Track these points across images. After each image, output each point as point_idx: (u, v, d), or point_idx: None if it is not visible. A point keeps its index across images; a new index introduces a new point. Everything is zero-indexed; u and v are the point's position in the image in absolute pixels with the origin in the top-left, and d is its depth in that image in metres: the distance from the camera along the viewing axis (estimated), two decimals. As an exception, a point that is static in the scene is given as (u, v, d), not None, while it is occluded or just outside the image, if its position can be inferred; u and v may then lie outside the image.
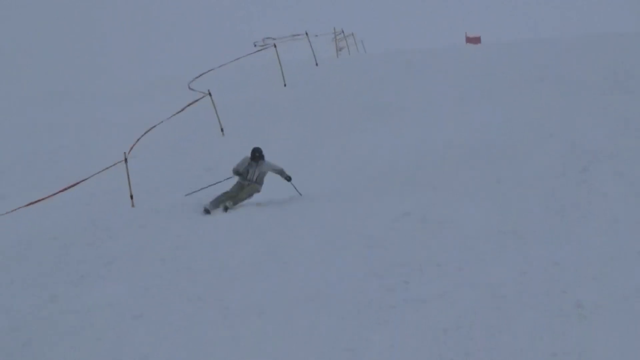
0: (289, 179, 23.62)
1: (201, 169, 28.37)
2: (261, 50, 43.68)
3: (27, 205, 24.02)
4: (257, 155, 23.37)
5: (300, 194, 23.69)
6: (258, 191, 23.62)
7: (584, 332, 13.71)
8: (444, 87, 32.37)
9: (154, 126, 29.78)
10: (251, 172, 23.44)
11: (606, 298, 14.86)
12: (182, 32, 73.60)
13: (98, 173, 26.30)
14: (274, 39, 46.52)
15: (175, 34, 71.63)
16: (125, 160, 26.41)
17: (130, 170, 26.22)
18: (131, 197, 25.61)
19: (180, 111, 31.99)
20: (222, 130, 31.98)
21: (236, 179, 23.72)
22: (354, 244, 19.79)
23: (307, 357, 14.42)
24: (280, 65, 38.45)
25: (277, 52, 39.62)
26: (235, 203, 23.23)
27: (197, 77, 37.63)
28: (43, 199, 24.62)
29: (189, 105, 32.56)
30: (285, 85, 38.03)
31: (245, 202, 23.54)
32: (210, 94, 32.77)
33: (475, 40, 52.29)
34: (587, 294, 15.05)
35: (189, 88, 35.94)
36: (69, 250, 22.55)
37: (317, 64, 41.98)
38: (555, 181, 21.45)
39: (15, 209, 23.83)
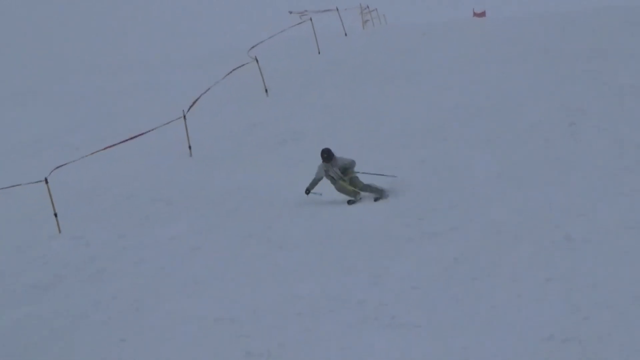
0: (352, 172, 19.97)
1: (248, 125, 28.37)
2: (301, 23, 43.18)
3: (97, 152, 24.26)
4: (325, 156, 19.76)
5: (392, 175, 19.96)
6: (354, 176, 19.85)
7: (574, 260, 13.78)
8: (454, 56, 32.01)
9: (209, 88, 29.86)
10: (333, 173, 19.80)
11: (592, 232, 14.98)
12: (230, 8, 73.58)
13: (162, 125, 26.49)
14: (309, 12, 46.19)
15: (224, 9, 71.55)
16: (184, 117, 26.61)
17: (188, 125, 26.45)
18: (189, 147, 25.89)
19: (229, 73, 32.05)
20: (266, 91, 31.85)
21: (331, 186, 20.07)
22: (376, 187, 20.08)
23: (338, 279, 14.56)
24: (315, 36, 38.16)
25: (312, 24, 39.40)
26: (361, 189, 19.66)
27: (253, 47, 37.41)
28: (111, 146, 24.71)
29: (237, 68, 32.54)
30: (319, 52, 37.85)
31: (364, 184, 19.84)
32: (257, 60, 32.79)
33: (481, 14, 51.57)
34: (575, 229, 15.17)
35: (248, 55, 35.91)
36: (135, 193, 22.83)
37: (346, 35, 41.51)
38: (548, 134, 21.47)
39: (89, 154, 23.99)
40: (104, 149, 24.58)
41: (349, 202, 19.51)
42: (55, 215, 20.20)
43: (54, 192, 20.77)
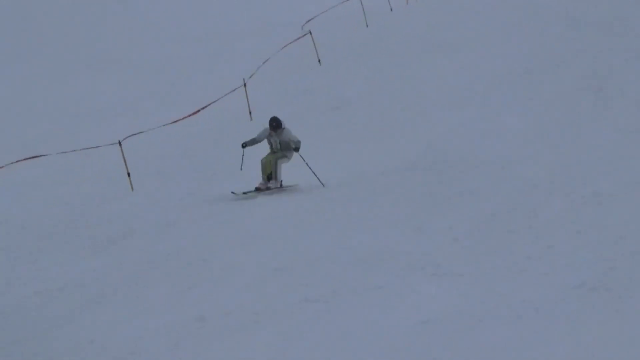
0: (296, 149, 18.97)
1: (304, 91, 28.54)
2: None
3: (170, 124, 24.62)
4: (274, 125, 19.04)
5: (322, 184, 18.68)
6: (287, 158, 19.14)
7: (602, 214, 13.77)
8: (489, 28, 32.18)
9: (268, 59, 30.16)
10: (273, 142, 19.08)
11: (617, 187, 14.98)
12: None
13: (225, 96, 26.81)
14: None
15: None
16: (245, 84, 27.01)
17: (248, 93, 26.78)
18: (250, 113, 26.11)
19: (286, 46, 32.38)
20: (319, 61, 32.03)
21: (266, 150, 19.35)
22: (418, 147, 20.17)
23: (385, 233, 14.61)
24: (363, 11, 38.08)
25: (361, 1, 39.39)
26: (272, 177, 18.84)
27: (307, 22, 37.84)
28: (182, 119, 25.20)
29: (295, 40, 32.98)
30: (367, 26, 37.67)
31: (283, 172, 19.06)
32: (310, 33, 32.90)
33: None
34: (603, 185, 15.18)
35: (302, 28, 36.29)
36: (201, 156, 23.22)
37: (391, 10, 41.19)
38: (576, 98, 21.55)
39: (161, 126, 24.36)
40: (176, 121, 25.08)
41: (245, 193, 18.50)
42: (129, 174, 20.53)
43: (128, 154, 21.09)
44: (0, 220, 19.09)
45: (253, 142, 19.12)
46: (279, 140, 18.80)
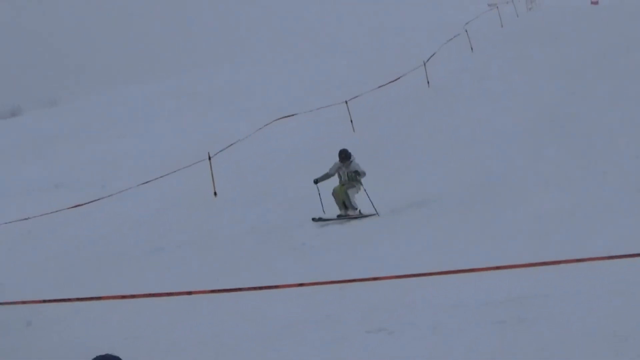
0: (358, 179, 16.83)
1: (461, 70, 30.10)
2: (491, 10, 46.00)
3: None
4: (342, 156, 16.87)
5: (377, 213, 16.26)
6: (358, 188, 16.84)
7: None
8: (588, 25, 33.47)
9: (435, 52, 32.22)
10: (342, 173, 16.96)
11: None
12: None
13: (410, 71, 29.11)
14: (498, 3, 48.06)
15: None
16: (424, 64, 29.95)
17: (430, 68, 29.46)
18: (427, 82, 28.98)
19: (451, 38, 34.88)
20: (471, 49, 34.34)
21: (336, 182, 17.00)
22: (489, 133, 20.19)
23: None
24: (500, 17, 41.25)
25: (498, 10, 42.44)
26: (347, 208, 16.76)
27: (467, 23, 39.97)
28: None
29: (455, 36, 35.07)
30: (501, 26, 40.34)
31: (357, 201, 16.75)
32: (466, 31, 35.16)
33: (595, 3, 48.55)
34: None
35: (463, 28, 38.05)
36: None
37: (517, 16, 44.01)
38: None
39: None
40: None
41: (338, 216, 16.53)
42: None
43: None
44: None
45: (326, 176, 17.07)
46: (347, 172, 16.83)
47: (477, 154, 18.31)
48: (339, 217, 16.19)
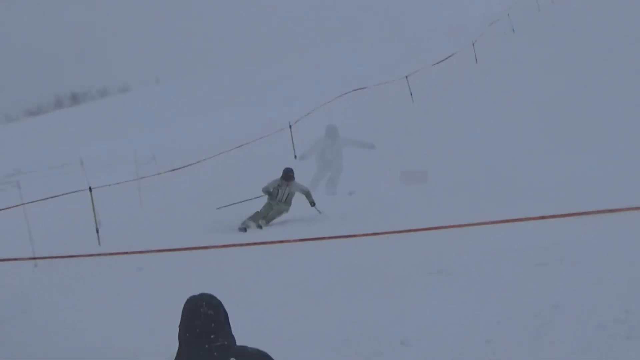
0: (313, 203, 15.40)
1: (499, 61, 27.72)
2: None
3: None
4: (289, 175, 15.34)
5: (320, 213, 15.36)
6: (286, 211, 15.56)
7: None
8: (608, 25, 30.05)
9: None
10: (281, 192, 15.43)
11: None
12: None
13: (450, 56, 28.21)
14: None
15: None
16: (473, 44, 29.05)
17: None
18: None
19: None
20: (513, 30, 33.01)
21: (266, 198, 15.51)
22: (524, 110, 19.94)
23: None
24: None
25: None
26: (267, 222, 15.25)
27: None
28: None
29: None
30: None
31: (276, 220, 15.48)
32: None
33: None
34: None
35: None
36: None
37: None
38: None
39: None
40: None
41: (259, 227, 15.10)
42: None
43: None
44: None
45: (267, 192, 15.48)
46: (288, 192, 15.39)
47: (524, 125, 19.01)
48: (258, 227, 15.00)
